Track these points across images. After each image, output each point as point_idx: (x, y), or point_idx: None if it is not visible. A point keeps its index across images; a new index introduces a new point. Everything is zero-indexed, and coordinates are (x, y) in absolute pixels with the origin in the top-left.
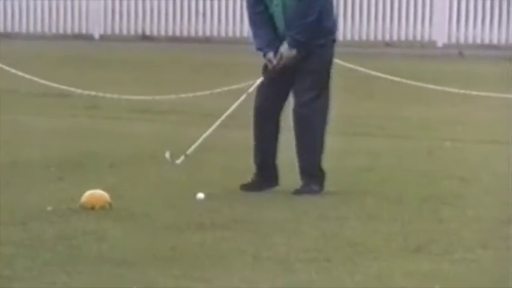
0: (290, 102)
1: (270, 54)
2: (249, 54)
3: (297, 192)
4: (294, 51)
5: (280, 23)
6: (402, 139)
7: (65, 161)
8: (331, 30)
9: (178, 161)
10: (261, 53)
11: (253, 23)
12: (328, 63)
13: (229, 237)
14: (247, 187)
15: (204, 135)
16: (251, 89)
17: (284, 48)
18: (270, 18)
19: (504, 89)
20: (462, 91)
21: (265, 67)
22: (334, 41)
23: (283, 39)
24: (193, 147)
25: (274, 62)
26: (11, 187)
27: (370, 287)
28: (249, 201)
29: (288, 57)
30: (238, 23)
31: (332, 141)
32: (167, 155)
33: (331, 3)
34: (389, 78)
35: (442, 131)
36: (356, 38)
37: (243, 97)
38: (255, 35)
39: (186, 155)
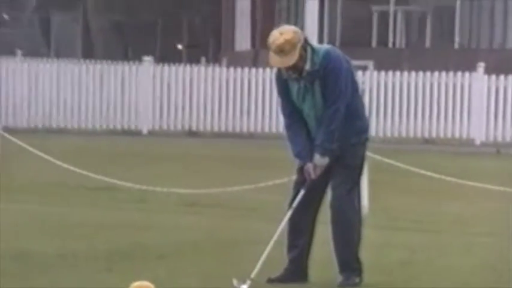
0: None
1: (308, 166)
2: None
3: (340, 285)
4: (326, 159)
5: (312, 126)
6: (439, 234)
7: (113, 252)
8: (364, 129)
9: (245, 287)
10: (297, 160)
11: (289, 130)
12: (361, 160)
13: None
14: (275, 280)
15: (264, 256)
16: (296, 204)
17: (317, 159)
18: (305, 125)
19: None
20: (499, 188)
21: (301, 168)
22: (366, 139)
23: (316, 137)
24: (256, 270)
25: (313, 175)
26: (60, 279)
27: None
28: None
29: (322, 165)
30: (281, 118)
31: (371, 235)
32: (235, 282)
33: (362, 105)
34: (427, 175)
35: (479, 226)
36: (396, 134)
37: (289, 214)
38: (292, 142)
39: (252, 279)
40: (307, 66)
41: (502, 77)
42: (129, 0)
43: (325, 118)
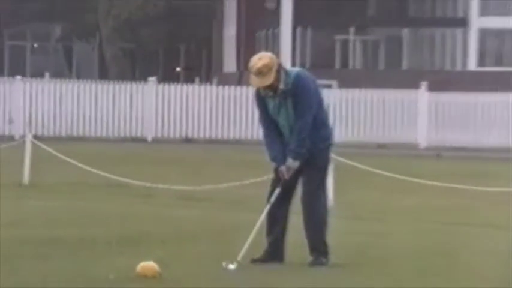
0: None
1: (282, 168)
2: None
3: (310, 264)
4: (297, 162)
5: (285, 135)
6: (394, 222)
7: (124, 238)
8: (328, 136)
9: (232, 266)
10: (273, 162)
11: (266, 138)
12: (327, 162)
13: None
14: (257, 261)
15: (249, 240)
16: (273, 199)
17: (290, 162)
18: (280, 134)
19: (477, 183)
20: (441, 184)
21: (277, 169)
22: (330, 144)
23: (288, 143)
24: (242, 252)
25: (286, 176)
26: (79, 258)
27: None
28: (271, 271)
29: (293, 168)
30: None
31: (335, 223)
32: (223, 264)
33: (327, 117)
34: (382, 174)
35: (427, 215)
36: (355, 140)
37: (268, 207)
38: (269, 148)
39: (238, 261)
40: (281, 86)
41: (441, 93)
42: (136, 32)
43: (296, 128)
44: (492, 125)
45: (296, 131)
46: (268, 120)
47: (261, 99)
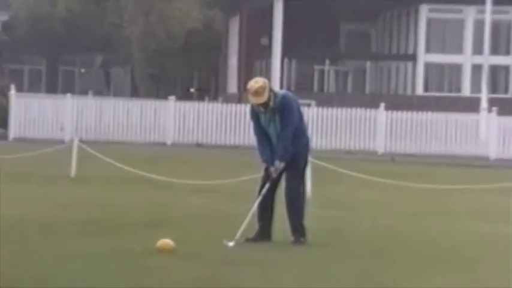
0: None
1: (272, 169)
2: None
3: (292, 243)
4: (283, 164)
5: (274, 142)
6: (360, 211)
7: (147, 220)
8: (307, 143)
9: (231, 244)
10: (264, 163)
11: (259, 144)
12: (305, 162)
13: (251, 269)
14: (250, 239)
15: (246, 221)
16: (264, 191)
17: (277, 163)
18: (269, 141)
19: (421, 182)
20: (396, 182)
21: (266, 168)
22: (308, 149)
23: (276, 148)
24: (239, 233)
25: (274, 175)
26: (113, 236)
27: None
28: (261, 247)
29: (280, 168)
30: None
31: (312, 210)
32: (224, 241)
33: (306, 128)
34: (350, 173)
35: (386, 207)
36: (328, 147)
37: (259, 198)
38: (261, 152)
39: (236, 240)
40: (271, 104)
41: (395, 112)
42: (161, 61)
43: (281, 137)
44: (433, 137)
45: (282, 139)
46: (260, 131)
47: (254, 114)
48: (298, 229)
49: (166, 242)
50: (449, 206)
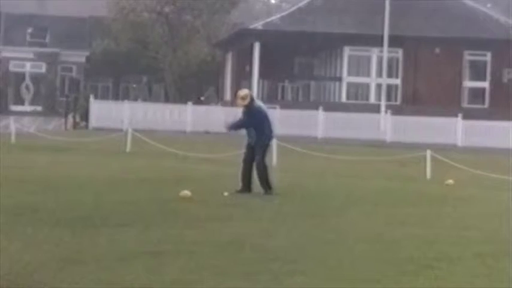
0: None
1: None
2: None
3: (264, 193)
4: (230, 127)
5: (253, 130)
6: (315, 174)
7: (172, 178)
8: (266, 137)
9: (226, 194)
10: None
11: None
12: (266, 147)
13: (239, 209)
14: (239, 191)
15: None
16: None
17: (227, 123)
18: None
19: (354, 157)
20: (337, 157)
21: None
22: (268, 141)
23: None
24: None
25: (225, 127)
26: (151, 189)
27: None
28: (245, 196)
29: (228, 124)
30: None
31: (276, 174)
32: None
33: (269, 126)
34: (300, 150)
35: (331, 172)
36: (289, 135)
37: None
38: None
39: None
40: (250, 107)
41: (330, 112)
42: (183, 80)
43: (239, 122)
44: (352, 127)
45: (238, 121)
46: (247, 122)
47: (244, 112)
48: (265, 185)
49: (185, 192)
50: (360, 171)
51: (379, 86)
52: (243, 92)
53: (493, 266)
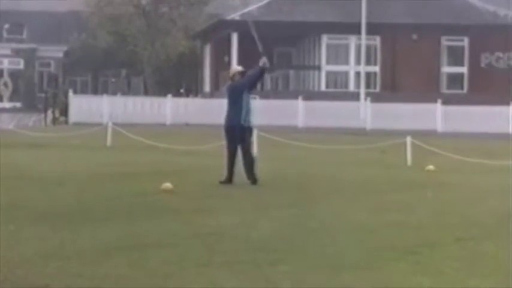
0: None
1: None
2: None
3: (250, 184)
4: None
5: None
6: (296, 163)
7: (156, 171)
8: (251, 122)
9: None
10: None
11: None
12: (250, 136)
13: (221, 200)
14: (222, 182)
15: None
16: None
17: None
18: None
19: (324, 145)
20: (311, 145)
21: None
22: (251, 126)
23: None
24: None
25: (261, 63)
26: (135, 182)
27: None
28: (230, 186)
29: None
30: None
31: (260, 164)
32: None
33: (251, 109)
34: (281, 140)
35: (309, 159)
36: (268, 124)
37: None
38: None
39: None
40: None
41: (309, 101)
42: (162, 72)
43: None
44: (332, 115)
45: (251, 74)
46: (231, 98)
47: (229, 89)
48: (251, 176)
49: (166, 185)
50: (341, 159)
51: (358, 73)
52: (239, 67)
53: (473, 249)
